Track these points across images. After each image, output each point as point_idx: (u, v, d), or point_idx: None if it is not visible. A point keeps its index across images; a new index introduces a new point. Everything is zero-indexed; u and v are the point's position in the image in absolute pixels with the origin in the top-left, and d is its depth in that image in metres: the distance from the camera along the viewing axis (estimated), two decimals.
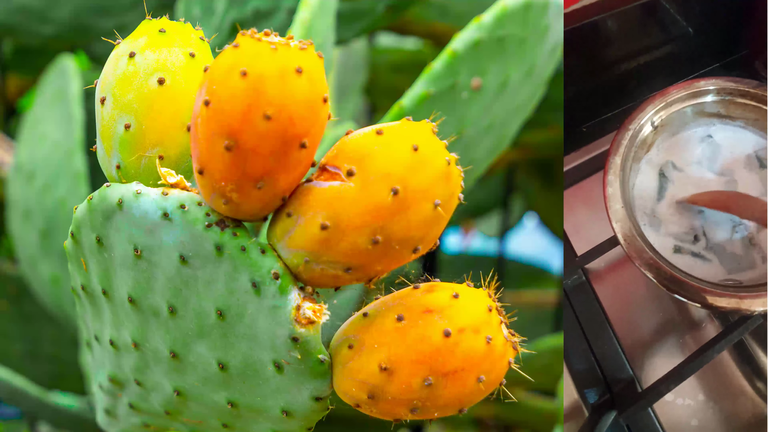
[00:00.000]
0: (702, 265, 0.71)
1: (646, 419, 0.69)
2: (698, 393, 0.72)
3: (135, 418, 0.45)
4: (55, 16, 0.87)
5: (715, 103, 0.75)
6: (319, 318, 0.35)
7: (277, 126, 0.32)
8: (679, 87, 0.75)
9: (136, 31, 0.39)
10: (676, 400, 0.71)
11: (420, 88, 0.58)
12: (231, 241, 0.35)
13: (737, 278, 0.70)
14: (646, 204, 0.75)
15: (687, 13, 0.82)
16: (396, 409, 0.35)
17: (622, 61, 0.84)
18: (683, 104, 0.75)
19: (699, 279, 0.66)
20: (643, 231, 0.70)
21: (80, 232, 0.39)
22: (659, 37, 0.84)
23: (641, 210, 0.74)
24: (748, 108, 0.75)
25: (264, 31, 0.33)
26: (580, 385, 0.71)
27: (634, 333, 0.74)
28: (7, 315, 0.93)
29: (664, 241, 0.72)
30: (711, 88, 0.75)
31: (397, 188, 0.33)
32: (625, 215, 0.69)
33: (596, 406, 0.70)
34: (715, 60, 0.86)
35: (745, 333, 0.69)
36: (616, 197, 0.70)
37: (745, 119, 0.75)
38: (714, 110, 0.76)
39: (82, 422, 0.76)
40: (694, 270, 0.69)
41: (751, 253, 0.72)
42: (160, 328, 0.38)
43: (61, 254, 0.75)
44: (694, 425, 0.70)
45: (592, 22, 0.77)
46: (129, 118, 0.38)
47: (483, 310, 0.35)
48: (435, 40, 0.98)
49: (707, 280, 0.66)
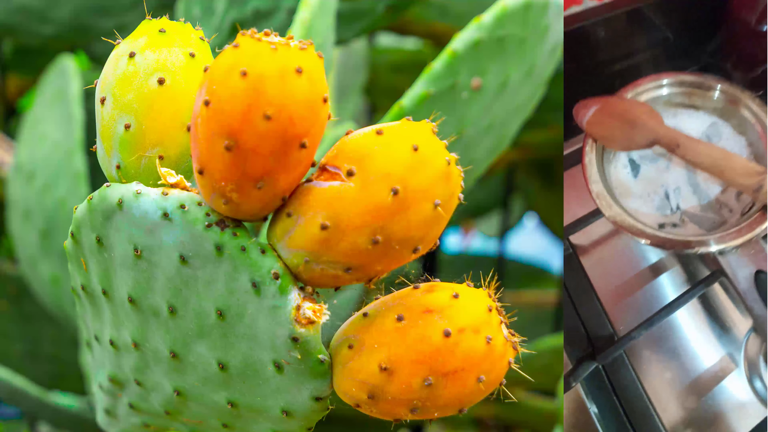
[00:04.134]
0: (685, 231, 0.78)
1: (624, 371, 0.75)
2: (671, 349, 0.78)
3: (135, 418, 0.45)
4: (55, 16, 0.87)
5: (677, 94, 0.84)
6: (319, 318, 0.35)
7: (277, 126, 0.32)
8: (647, 80, 0.83)
9: (136, 31, 0.39)
10: (651, 355, 0.77)
11: (420, 88, 0.58)
12: (231, 241, 0.35)
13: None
14: (624, 183, 0.82)
15: (667, 20, 0.92)
16: (396, 409, 0.35)
17: (607, 64, 0.92)
18: (650, 94, 0.83)
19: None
20: (623, 203, 0.78)
21: (80, 232, 0.39)
22: (641, 41, 0.92)
23: (619, 188, 0.81)
24: (707, 97, 0.83)
25: (264, 31, 0.33)
26: (567, 345, 0.77)
27: (616, 298, 0.82)
28: (7, 315, 0.93)
29: (647, 219, 0.78)
30: (672, 80, 0.84)
31: (397, 188, 0.33)
32: (599, 178, 0.77)
33: (580, 358, 0.74)
34: (692, 62, 0.95)
35: (705, 288, 0.78)
36: (592, 163, 0.78)
37: (704, 108, 0.84)
38: (677, 101, 0.84)
39: (82, 422, 0.76)
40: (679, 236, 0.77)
41: (720, 212, 0.79)
42: (160, 328, 0.38)
43: (61, 254, 0.75)
44: (667, 377, 0.76)
45: (580, 27, 0.85)
46: (129, 118, 0.38)
47: (483, 310, 0.35)
48: (435, 40, 0.98)
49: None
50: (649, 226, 0.75)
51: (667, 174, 0.82)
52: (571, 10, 0.84)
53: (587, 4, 0.85)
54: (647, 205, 0.80)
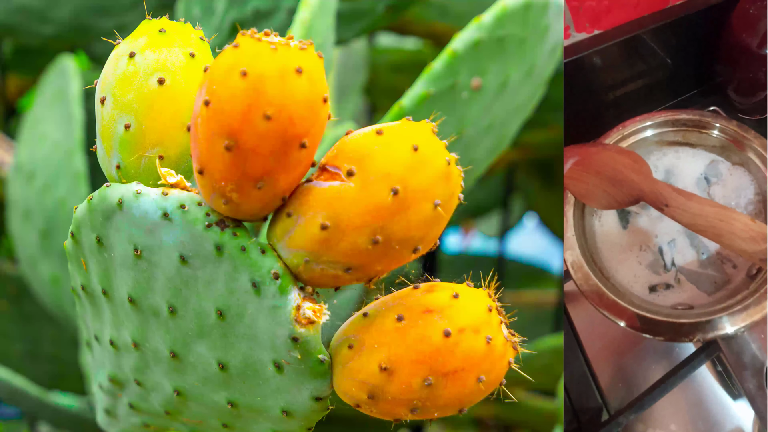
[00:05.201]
0: (680, 294, 0.70)
1: None
2: (670, 423, 0.71)
3: (135, 418, 0.45)
4: (55, 16, 0.87)
5: (672, 132, 0.77)
6: (319, 318, 0.35)
7: (277, 126, 0.32)
8: (635, 120, 0.77)
9: (136, 31, 0.39)
10: (647, 430, 0.70)
11: (420, 88, 0.58)
12: (231, 241, 0.35)
13: (719, 297, 0.69)
14: (610, 237, 0.74)
15: (666, 46, 0.87)
16: (396, 409, 0.35)
17: (608, 90, 0.88)
18: (640, 135, 0.77)
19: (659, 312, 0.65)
20: (607, 268, 0.69)
21: (80, 232, 0.39)
22: (640, 67, 0.88)
23: (603, 244, 0.73)
24: (704, 136, 0.76)
25: (264, 31, 0.33)
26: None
27: (606, 358, 0.73)
28: (7, 315, 0.93)
29: (636, 282, 0.71)
30: (665, 119, 0.77)
31: (397, 188, 0.33)
32: (575, 243, 0.69)
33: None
34: (692, 88, 0.90)
35: (704, 362, 0.68)
36: (569, 225, 0.71)
37: (702, 145, 0.77)
38: (672, 139, 0.78)
39: (82, 422, 0.76)
40: (672, 301, 0.68)
41: (722, 268, 0.71)
42: (160, 328, 0.38)
43: (61, 254, 0.75)
44: None
45: (580, 57, 0.80)
46: (129, 118, 0.38)
47: (483, 310, 0.35)
48: (435, 40, 0.98)
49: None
50: (637, 296, 0.67)
51: (660, 223, 0.74)
52: (568, 41, 0.80)
53: (576, 37, 0.81)
54: (636, 265, 0.72)
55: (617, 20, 0.83)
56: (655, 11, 0.84)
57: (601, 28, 0.82)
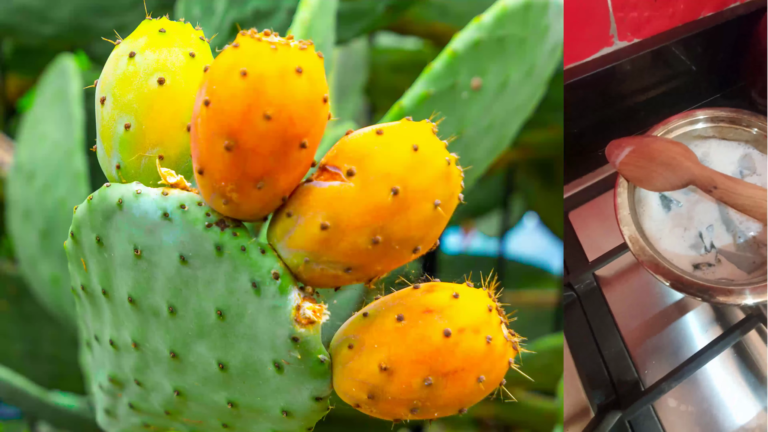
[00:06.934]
0: (723, 271, 0.75)
1: (650, 424, 0.71)
2: (702, 401, 0.74)
3: (135, 418, 0.45)
4: (55, 16, 0.87)
5: (710, 128, 0.83)
6: (319, 318, 0.35)
7: (277, 126, 0.32)
8: (678, 116, 0.82)
9: (136, 31, 0.39)
10: (679, 406, 0.73)
11: (420, 88, 0.58)
12: (231, 241, 0.35)
13: (758, 275, 0.73)
14: (656, 221, 0.80)
15: (690, 53, 0.93)
16: (396, 409, 0.35)
17: (634, 95, 0.94)
18: (681, 130, 0.82)
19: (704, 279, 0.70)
20: (656, 245, 0.75)
21: (80, 232, 0.39)
22: (666, 73, 0.94)
23: (651, 228, 0.79)
24: (739, 131, 0.82)
25: (264, 31, 0.33)
26: (588, 386, 0.74)
27: (640, 337, 0.78)
28: (7, 315, 0.93)
29: (681, 260, 0.76)
30: (705, 116, 0.83)
31: (397, 188, 0.33)
32: (631, 221, 0.75)
33: (602, 406, 0.72)
34: (716, 91, 0.97)
35: (741, 336, 0.74)
36: (624, 205, 0.77)
37: (737, 140, 0.83)
38: (709, 134, 0.83)
39: (82, 422, 0.76)
40: (716, 276, 0.74)
41: (759, 251, 0.76)
42: (160, 328, 0.38)
43: (61, 254, 0.75)
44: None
45: (610, 67, 0.87)
46: (129, 118, 0.38)
47: (483, 310, 0.35)
48: (435, 40, 0.98)
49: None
50: (684, 270, 0.71)
51: (699, 211, 0.79)
52: (602, 51, 0.86)
53: (617, 45, 0.86)
54: (680, 244, 0.77)
55: (655, 30, 0.89)
56: (688, 21, 0.90)
57: (640, 37, 0.88)
